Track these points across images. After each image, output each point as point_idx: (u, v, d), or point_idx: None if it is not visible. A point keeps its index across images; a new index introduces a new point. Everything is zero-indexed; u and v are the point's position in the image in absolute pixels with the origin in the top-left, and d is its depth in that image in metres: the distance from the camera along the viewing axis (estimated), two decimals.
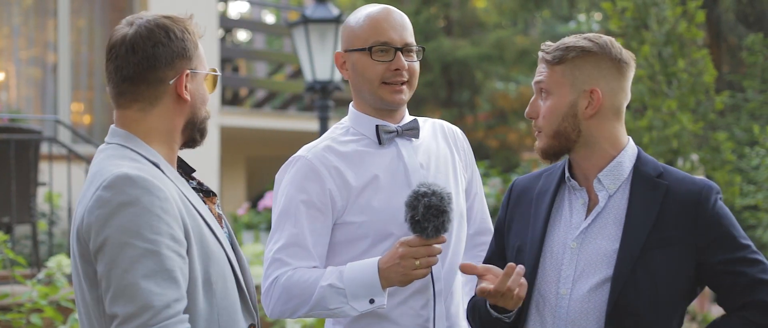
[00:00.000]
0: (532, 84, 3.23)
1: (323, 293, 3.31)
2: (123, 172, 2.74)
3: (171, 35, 2.91)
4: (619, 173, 3.18)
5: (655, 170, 3.19)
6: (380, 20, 3.51)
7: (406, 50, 3.51)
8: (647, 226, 3.08)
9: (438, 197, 3.12)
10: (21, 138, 9.14)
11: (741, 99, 16.14)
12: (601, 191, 3.17)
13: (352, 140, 3.57)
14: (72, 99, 12.80)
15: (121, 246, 2.66)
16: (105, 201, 2.70)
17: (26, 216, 9.20)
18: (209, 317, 2.82)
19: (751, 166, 11.45)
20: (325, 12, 10.81)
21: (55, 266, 6.72)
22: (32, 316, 6.48)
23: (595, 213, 3.15)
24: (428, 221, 3.13)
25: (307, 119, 16.69)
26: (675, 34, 11.81)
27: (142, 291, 2.64)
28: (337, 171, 3.46)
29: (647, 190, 3.14)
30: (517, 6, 26.30)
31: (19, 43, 12.86)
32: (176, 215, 2.75)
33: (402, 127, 3.57)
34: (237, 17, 29.99)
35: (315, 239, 3.43)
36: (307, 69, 10.90)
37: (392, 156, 3.55)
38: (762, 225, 10.90)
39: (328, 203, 3.44)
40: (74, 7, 12.76)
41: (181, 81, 2.91)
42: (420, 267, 3.19)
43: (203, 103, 2.99)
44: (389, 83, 3.50)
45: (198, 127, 3.00)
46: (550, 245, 3.18)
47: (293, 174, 3.49)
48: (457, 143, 3.76)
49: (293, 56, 15.18)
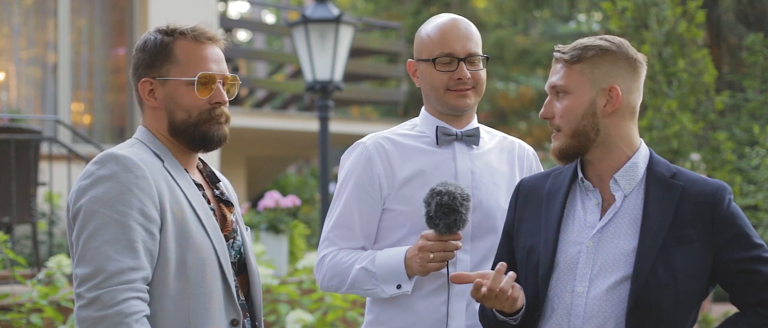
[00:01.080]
0: (547, 87, 3.25)
1: (357, 274, 3.59)
2: (112, 151, 3.02)
3: (146, 44, 3.15)
4: (635, 174, 3.22)
5: (668, 171, 3.24)
6: (446, 31, 3.69)
7: (469, 60, 3.67)
8: (665, 224, 3.13)
9: (450, 196, 3.29)
10: (21, 138, 9.13)
11: (741, 99, 16.13)
12: (617, 191, 3.21)
13: (413, 136, 3.76)
14: (72, 99, 12.80)
15: (91, 214, 2.91)
16: (89, 174, 2.98)
17: (26, 216, 9.20)
18: (179, 299, 2.98)
19: (751, 166, 11.45)
20: (325, 12, 10.81)
21: (55, 266, 6.72)
22: (32, 316, 6.49)
23: (612, 213, 3.19)
24: (439, 219, 3.33)
25: (307, 119, 16.68)
26: (675, 34, 11.81)
27: (100, 255, 2.87)
28: (388, 160, 3.67)
29: (662, 190, 3.19)
30: (517, 6, 26.33)
31: (20, 43, 12.86)
32: (152, 194, 2.95)
33: (463, 132, 3.72)
34: (237, 17, 30.00)
35: (363, 220, 3.67)
36: (307, 69, 10.89)
37: (446, 157, 3.70)
38: (762, 225, 10.90)
39: (377, 188, 3.66)
40: (74, 7, 12.75)
41: (143, 89, 3.15)
42: (434, 261, 3.41)
43: (178, 107, 3.12)
44: (454, 90, 3.67)
45: (183, 130, 3.13)
46: (564, 244, 3.21)
47: (352, 158, 3.73)
48: (524, 163, 3.86)
49: (293, 56, 15.17)
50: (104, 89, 13.37)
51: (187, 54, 3.12)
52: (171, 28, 3.15)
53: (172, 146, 3.15)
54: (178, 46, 3.13)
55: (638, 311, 3.08)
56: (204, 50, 3.15)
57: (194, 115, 3.11)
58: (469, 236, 3.61)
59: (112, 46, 13.46)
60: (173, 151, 3.15)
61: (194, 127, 3.11)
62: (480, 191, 3.65)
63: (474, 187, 3.64)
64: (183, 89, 3.11)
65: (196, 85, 3.10)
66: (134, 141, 3.15)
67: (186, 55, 3.12)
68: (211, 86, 3.13)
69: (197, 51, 3.14)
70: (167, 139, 3.15)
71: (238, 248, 3.23)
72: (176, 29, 3.14)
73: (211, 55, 3.16)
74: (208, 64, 3.13)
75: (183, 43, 3.13)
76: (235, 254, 3.21)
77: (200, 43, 3.15)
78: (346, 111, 27.35)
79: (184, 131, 3.12)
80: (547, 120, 3.25)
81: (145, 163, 3.00)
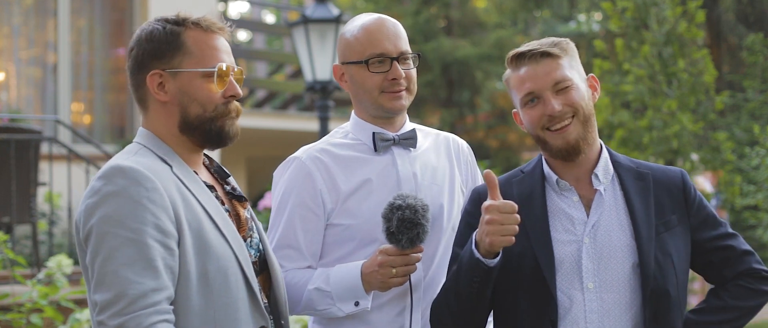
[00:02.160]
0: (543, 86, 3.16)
1: (311, 295, 3.41)
2: (117, 163, 2.79)
3: (152, 35, 2.96)
4: (608, 167, 3.28)
5: (631, 162, 3.33)
6: (374, 31, 3.54)
7: (402, 59, 3.54)
8: (651, 213, 3.20)
9: (412, 210, 3.18)
10: (21, 138, 9.13)
11: (741, 99, 16.13)
12: (598, 185, 3.23)
13: (349, 145, 3.61)
14: (72, 99, 12.80)
15: (104, 235, 2.70)
16: (95, 191, 2.76)
17: (26, 216, 9.20)
18: (204, 313, 2.80)
19: (751, 166, 11.46)
20: (325, 12, 10.81)
21: (55, 266, 6.72)
22: (32, 316, 6.48)
23: (600, 207, 3.21)
24: (402, 234, 3.20)
25: (307, 119, 16.68)
26: (675, 34, 11.81)
27: (119, 279, 2.66)
28: (328, 173, 3.51)
29: (635, 180, 3.26)
30: (517, 6, 26.30)
31: (20, 43, 12.86)
32: (165, 206, 2.76)
33: (399, 135, 3.61)
34: (237, 17, 29.98)
35: (307, 238, 3.50)
36: (307, 69, 10.89)
37: (386, 163, 3.58)
38: (762, 225, 10.91)
39: (319, 204, 3.49)
40: (74, 7, 12.76)
41: (151, 82, 2.95)
42: (396, 276, 3.28)
43: (192, 101, 2.94)
44: (388, 91, 3.54)
45: (197, 126, 2.95)
46: (559, 243, 3.20)
47: (288, 175, 3.55)
48: (460, 157, 3.78)
49: (293, 56, 15.17)
50: (104, 89, 13.36)
51: (200, 44, 2.94)
52: (181, 18, 2.97)
53: (179, 146, 2.97)
54: (188, 36, 2.94)
55: (653, 299, 3.13)
56: (216, 41, 2.98)
57: (210, 109, 2.94)
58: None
59: (112, 46, 13.46)
60: (180, 151, 2.97)
61: (210, 122, 2.94)
62: (423, 194, 3.52)
63: (417, 190, 3.53)
64: (198, 82, 2.92)
65: (216, 75, 2.93)
66: (138, 147, 2.95)
67: (199, 46, 2.94)
68: (225, 79, 2.96)
69: (210, 41, 2.96)
70: (175, 138, 2.96)
71: (256, 246, 3.09)
72: (186, 18, 2.97)
73: (222, 46, 2.99)
74: (222, 56, 2.97)
75: (193, 34, 2.95)
76: (254, 253, 3.07)
77: (211, 32, 2.98)
78: (346, 111, 27.33)
79: (199, 127, 2.95)
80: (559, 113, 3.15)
81: (154, 172, 2.80)
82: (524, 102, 3.20)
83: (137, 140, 2.99)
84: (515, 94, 3.25)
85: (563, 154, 3.18)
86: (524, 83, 3.19)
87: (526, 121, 3.24)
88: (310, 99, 18.12)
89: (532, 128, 3.22)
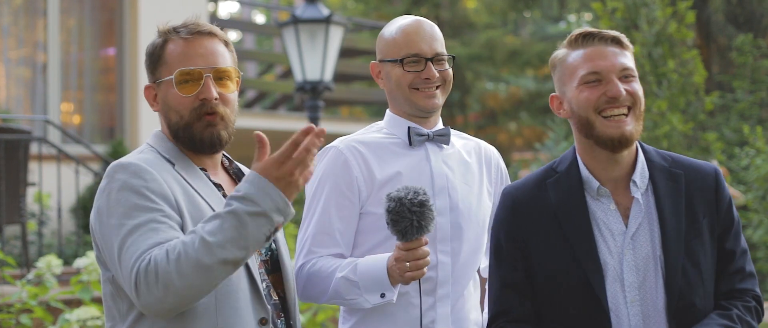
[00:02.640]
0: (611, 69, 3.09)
1: (338, 284, 3.45)
2: (118, 161, 2.92)
3: (148, 50, 3.10)
4: (644, 171, 3.17)
5: (664, 159, 3.21)
6: (411, 33, 3.66)
7: (436, 59, 3.65)
8: (681, 220, 3.10)
9: (398, 203, 3.18)
10: (10, 138, 9.11)
11: (731, 99, 16.16)
12: (636, 192, 3.14)
13: (383, 138, 3.70)
14: (62, 99, 12.78)
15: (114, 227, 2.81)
16: (100, 191, 2.90)
17: (16, 216, 9.18)
18: (206, 299, 2.85)
19: (741, 166, 11.48)
20: (315, 12, 10.80)
21: (44, 267, 6.69)
22: (22, 316, 6.46)
23: (637, 216, 3.12)
24: (391, 226, 3.22)
25: (297, 120, 16.67)
26: (665, 35, 11.84)
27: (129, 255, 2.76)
28: (364, 162, 3.59)
29: (668, 181, 3.15)
30: (507, 6, 26.36)
31: (9, 43, 12.83)
32: (165, 195, 2.86)
33: (434, 132, 3.68)
34: (227, 17, 29.96)
35: (342, 225, 3.57)
36: (297, 69, 10.89)
37: (420, 158, 3.65)
38: (752, 225, 10.93)
39: (355, 191, 3.57)
40: (64, 7, 12.73)
41: (147, 95, 3.11)
42: (411, 269, 3.28)
43: (170, 110, 3.04)
44: (422, 90, 3.63)
45: (178, 134, 3.03)
46: (604, 258, 3.11)
47: (324, 163, 3.62)
48: (491, 163, 3.83)
49: (283, 56, 15.16)
50: (94, 89, 13.34)
51: (174, 53, 3.01)
52: (164, 30, 3.06)
53: (186, 149, 3.06)
54: (167, 48, 3.04)
55: (679, 312, 3.07)
56: (190, 46, 3.01)
57: (185, 115, 3.00)
58: (448, 237, 3.56)
59: (102, 46, 13.44)
60: (187, 152, 3.06)
61: (186, 129, 3.01)
62: (456, 192, 3.60)
63: (450, 188, 3.61)
64: (171, 90, 3.01)
65: (174, 83, 2.99)
66: (145, 147, 3.07)
67: (173, 55, 3.01)
68: (197, 83, 2.99)
69: (182, 48, 3.01)
70: (181, 143, 3.06)
71: (268, 246, 3.14)
72: (168, 30, 3.05)
73: (197, 49, 3.02)
74: (192, 60, 3.00)
75: (172, 44, 3.03)
76: (265, 252, 3.12)
77: (186, 40, 3.02)
78: (336, 111, 27.34)
79: (177, 134, 3.03)
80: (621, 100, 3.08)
81: (154, 166, 2.90)
82: (585, 80, 3.09)
83: (148, 141, 3.10)
84: (572, 73, 3.14)
85: (613, 144, 3.07)
86: (590, 61, 3.09)
87: (578, 101, 3.10)
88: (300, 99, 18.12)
89: (583, 109, 3.09)
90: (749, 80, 15.80)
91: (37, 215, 10.71)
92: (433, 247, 3.50)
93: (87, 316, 6.22)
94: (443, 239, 3.55)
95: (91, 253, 6.56)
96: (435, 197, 3.54)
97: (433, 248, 3.48)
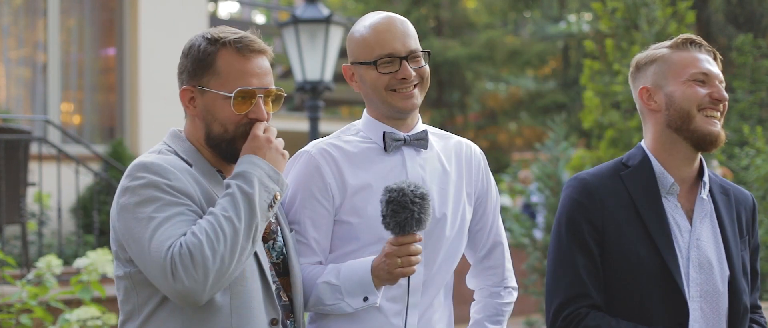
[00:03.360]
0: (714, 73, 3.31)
1: (320, 290, 3.37)
2: (139, 160, 2.98)
3: (191, 50, 3.09)
4: (707, 177, 3.34)
5: (711, 173, 3.38)
6: (382, 31, 3.50)
7: (411, 57, 3.51)
8: (735, 229, 3.27)
9: (400, 193, 3.12)
10: (10, 138, 9.11)
11: (731, 99, 16.16)
12: (703, 192, 3.29)
13: (359, 142, 3.58)
14: (62, 99, 12.77)
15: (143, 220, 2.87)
16: (123, 189, 2.95)
17: (16, 216, 9.17)
18: (222, 297, 2.95)
19: (741, 166, 11.47)
20: (315, 12, 10.80)
21: (44, 267, 6.70)
22: (22, 316, 6.47)
23: (702, 216, 3.28)
24: (390, 217, 3.14)
25: (297, 119, 16.68)
26: (665, 35, 11.83)
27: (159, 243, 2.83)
28: (337, 167, 3.48)
29: (721, 194, 3.34)
30: (507, 6, 26.37)
31: (9, 43, 12.83)
32: (189, 194, 2.94)
33: (411, 136, 3.57)
34: (227, 17, 29.96)
35: (317, 231, 3.46)
36: (297, 69, 10.89)
37: (396, 164, 3.54)
38: None
39: (329, 197, 3.46)
40: (64, 7, 12.73)
41: (183, 96, 3.11)
42: (402, 265, 3.21)
43: (214, 120, 3.06)
44: (399, 91, 3.50)
45: (218, 144, 3.07)
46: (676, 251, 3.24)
47: (297, 169, 3.52)
48: (472, 163, 3.71)
49: (283, 56, 15.16)
50: (94, 89, 13.34)
51: (229, 67, 3.04)
52: (216, 37, 3.07)
53: (207, 153, 3.12)
54: (220, 57, 3.05)
55: (741, 313, 3.23)
56: (247, 63, 3.07)
57: (231, 130, 3.06)
58: (422, 245, 3.33)
59: (102, 46, 13.43)
60: (208, 155, 3.12)
61: (230, 142, 3.06)
62: (432, 199, 3.42)
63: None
64: (220, 103, 3.04)
65: (233, 101, 3.02)
66: (161, 147, 3.11)
67: (227, 68, 3.04)
68: (250, 101, 3.05)
69: (239, 64, 3.05)
70: (203, 147, 3.11)
71: (279, 249, 3.21)
72: (221, 38, 3.06)
73: (253, 68, 3.08)
74: (248, 79, 3.05)
75: (226, 55, 3.05)
76: (276, 255, 3.19)
77: (243, 55, 3.07)
78: (336, 111, 27.35)
79: (219, 145, 3.07)
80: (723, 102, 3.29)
81: (175, 166, 2.97)
82: (694, 78, 3.27)
83: (165, 140, 3.15)
84: (682, 70, 3.31)
85: (706, 141, 3.23)
86: (701, 64, 3.30)
87: (684, 94, 3.27)
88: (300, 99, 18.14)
89: (687, 102, 3.26)
90: (749, 80, 15.80)
91: (37, 215, 10.71)
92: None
93: (87, 316, 6.22)
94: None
95: (91, 253, 6.57)
96: None
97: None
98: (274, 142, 3.07)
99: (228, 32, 3.08)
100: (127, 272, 3.00)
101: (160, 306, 2.97)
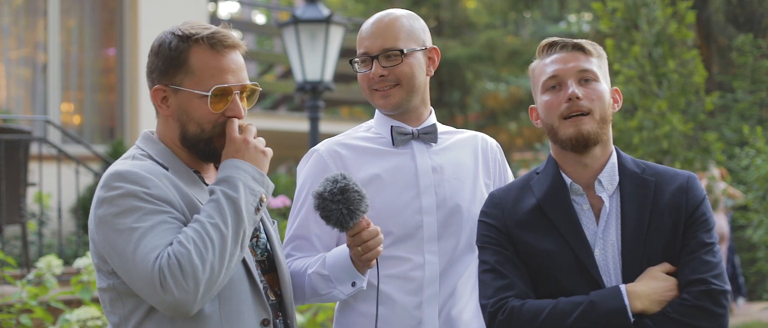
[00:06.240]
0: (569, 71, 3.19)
1: (312, 280, 3.39)
2: (114, 170, 2.86)
3: (161, 48, 2.97)
4: (614, 174, 3.24)
5: (637, 166, 3.28)
6: (364, 30, 3.55)
7: (384, 56, 3.50)
8: (644, 222, 3.16)
9: (320, 199, 3.11)
10: (11, 138, 9.11)
11: (731, 99, 16.17)
12: (601, 192, 3.22)
13: (370, 138, 3.62)
14: (62, 99, 12.78)
15: (125, 232, 2.77)
16: (100, 200, 2.84)
17: (16, 217, 9.17)
18: (210, 303, 2.87)
19: (741, 166, 11.47)
20: (315, 12, 10.80)
21: (44, 267, 6.70)
22: (22, 316, 6.46)
23: (606, 216, 3.21)
24: (327, 221, 3.14)
25: (297, 120, 16.68)
26: (665, 35, 11.84)
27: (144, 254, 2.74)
28: (343, 164, 3.52)
29: (637, 187, 3.22)
30: (507, 6, 26.34)
31: (9, 43, 12.84)
32: (169, 200, 2.84)
33: (419, 130, 3.59)
34: (227, 17, 29.96)
35: (320, 229, 3.50)
36: (298, 69, 10.89)
37: (405, 157, 3.58)
38: (752, 225, 10.92)
39: None
40: (64, 7, 12.73)
41: (155, 96, 3.00)
42: (364, 252, 3.21)
43: (190, 120, 2.96)
44: (377, 90, 3.53)
45: (195, 144, 2.99)
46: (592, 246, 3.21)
47: (307, 167, 3.59)
48: (488, 155, 3.75)
49: (283, 57, 15.18)
50: (94, 89, 13.34)
51: (203, 64, 2.92)
52: (187, 33, 2.94)
53: (183, 154, 3.02)
54: (193, 54, 2.93)
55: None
56: (222, 60, 2.95)
57: (208, 129, 2.96)
58: (435, 236, 3.50)
59: (102, 46, 13.44)
60: (184, 157, 3.02)
61: (207, 141, 2.97)
62: (443, 189, 3.54)
63: (436, 185, 3.53)
64: (196, 102, 2.93)
65: (210, 99, 2.92)
66: (135, 152, 3.00)
67: (201, 66, 2.92)
68: (226, 99, 2.95)
69: (214, 61, 2.93)
70: (179, 148, 3.01)
71: (263, 246, 3.14)
72: (192, 35, 2.94)
73: (228, 64, 2.95)
74: (224, 76, 2.93)
75: (199, 51, 2.93)
76: (261, 253, 3.12)
77: (217, 51, 2.94)
78: (336, 111, 27.35)
79: (195, 145, 2.98)
80: (577, 100, 3.16)
81: (152, 173, 2.86)
82: (546, 87, 3.21)
83: (137, 144, 3.05)
84: (538, 82, 3.26)
85: (573, 143, 3.16)
86: (549, 68, 3.21)
87: (544, 110, 3.22)
88: (300, 99, 18.14)
89: (548, 116, 3.20)
90: (749, 80, 15.81)
91: (37, 215, 10.72)
92: (420, 247, 3.49)
93: (87, 316, 6.22)
94: (430, 238, 3.50)
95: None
96: (420, 196, 3.50)
97: (419, 248, 3.47)
98: (251, 142, 2.96)
99: (199, 28, 2.96)
100: (110, 284, 2.90)
101: (147, 317, 2.88)
